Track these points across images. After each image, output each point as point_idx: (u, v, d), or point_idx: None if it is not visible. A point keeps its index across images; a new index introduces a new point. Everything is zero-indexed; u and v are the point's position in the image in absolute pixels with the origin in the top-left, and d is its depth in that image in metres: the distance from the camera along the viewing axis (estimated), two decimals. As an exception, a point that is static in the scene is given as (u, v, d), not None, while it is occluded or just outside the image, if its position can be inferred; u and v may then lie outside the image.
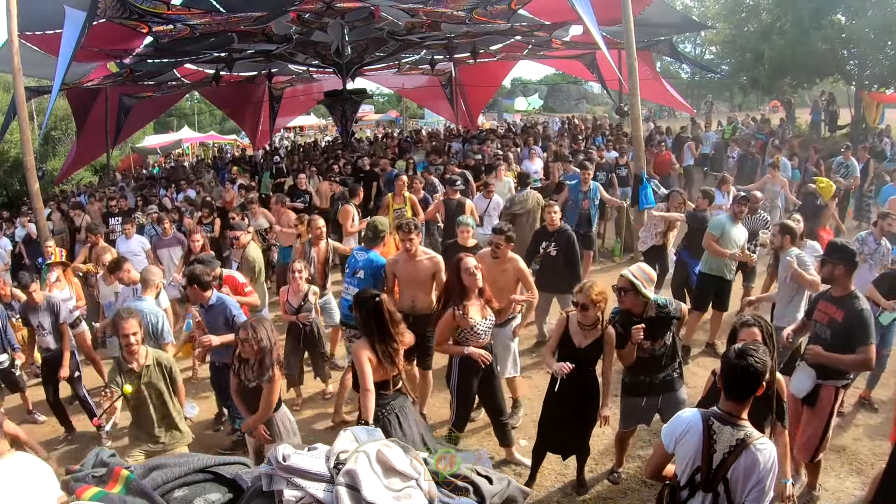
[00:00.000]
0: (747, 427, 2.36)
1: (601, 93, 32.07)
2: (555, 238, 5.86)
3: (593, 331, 3.67)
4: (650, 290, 3.66)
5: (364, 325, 3.50)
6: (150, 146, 25.70)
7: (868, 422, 4.78)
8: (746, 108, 29.70)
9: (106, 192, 12.93)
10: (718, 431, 2.34)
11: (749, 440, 2.31)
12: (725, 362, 2.40)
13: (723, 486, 2.34)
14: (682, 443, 2.42)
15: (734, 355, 2.35)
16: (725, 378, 2.40)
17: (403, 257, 4.81)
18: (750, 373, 2.29)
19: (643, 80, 10.09)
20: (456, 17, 10.22)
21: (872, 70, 16.14)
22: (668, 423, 2.55)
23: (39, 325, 5.19)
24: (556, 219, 5.92)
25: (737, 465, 2.30)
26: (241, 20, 9.49)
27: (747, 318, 3.08)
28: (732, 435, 2.32)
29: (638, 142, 9.02)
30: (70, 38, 7.11)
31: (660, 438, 2.57)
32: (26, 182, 8.21)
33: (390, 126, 33.03)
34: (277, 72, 16.55)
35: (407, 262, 4.78)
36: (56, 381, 5.26)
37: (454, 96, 20.75)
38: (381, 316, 3.44)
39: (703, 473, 2.36)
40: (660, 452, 2.56)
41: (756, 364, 2.29)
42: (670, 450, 2.48)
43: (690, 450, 2.39)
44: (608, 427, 4.82)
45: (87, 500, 1.53)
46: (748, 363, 2.29)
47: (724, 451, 2.32)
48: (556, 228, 5.91)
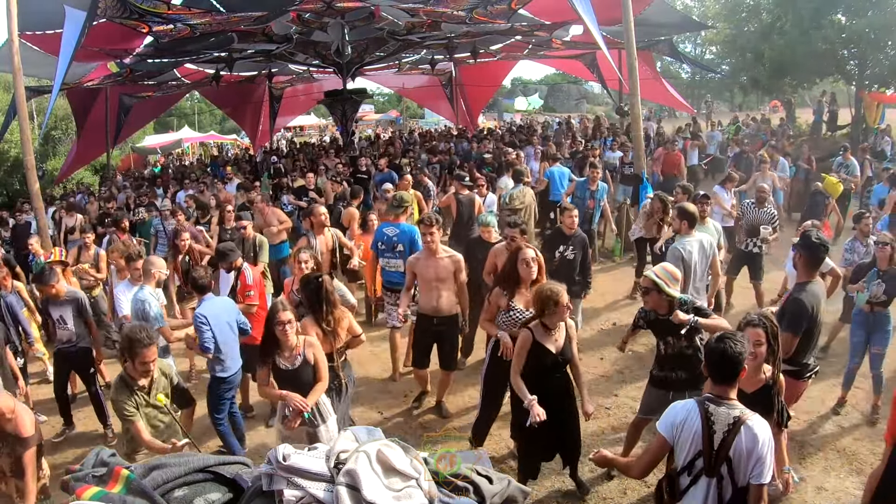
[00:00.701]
0: (739, 406, 2.48)
1: (601, 93, 32.12)
2: (572, 241, 5.82)
3: (560, 331, 3.73)
4: (675, 290, 3.68)
5: (310, 304, 3.90)
6: (150, 146, 25.67)
7: (868, 421, 4.78)
8: (746, 108, 29.69)
9: (102, 193, 12.94)
10: (714, 413, 2.44)
11: (744, 416, 2.43)
12: (707, 349, 2.57)
13: (726, 467, 2.41)
14: (683, 429, 2.47)
15: (714, 340, 2.51)
16: (709, 363, 2.54)
17: (424, 254, 4.81)
18: (728, 354, 2.44)
19: (643, 80, 10.09)
20: (456, 17, 10.22)
21: (872, 70, 16.15)
22: (664, 416, 2.59)
23: (60, 318, 5.17)
24: (574, 222, 5.87)
25: (738, 443, 2.39)
26: (241, 20, 9.49)
27: (753, 317, 3.06)
28: (728, 414, 2.43)
29: (638, 142, 9.02)
30: (70, 37, 7.11)
31: (655, 436, 2.60)
32: (26, 182, 8.21)
33: (391, 125, 33.02)
34: (277, 72, 16.55)
35: (428, 258, 4.78)
36: (67, 373, 5.31)
37: (454, 96, 20.76)
38: (323, 294, 3.84)
39: (706, 456, 2.42)
40: (658, 445, 2.58)
41: (734, 346, 2.45)
42: (671, 439, 2.51)
43: (691, 433, 2.45)
44: (608, 427, 4.87)
45: (88, 500, 1.53)
46: (726, 346, 2.44)
47: (724, 430, 2.41)
48: (574, 232, 5.85)
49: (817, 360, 4.00)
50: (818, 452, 4.42)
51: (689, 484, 2.48)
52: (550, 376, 3.72)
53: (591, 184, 7.94)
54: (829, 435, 4.63)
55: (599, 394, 5.37)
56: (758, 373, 3.01)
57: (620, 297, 7.67)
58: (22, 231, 9.25)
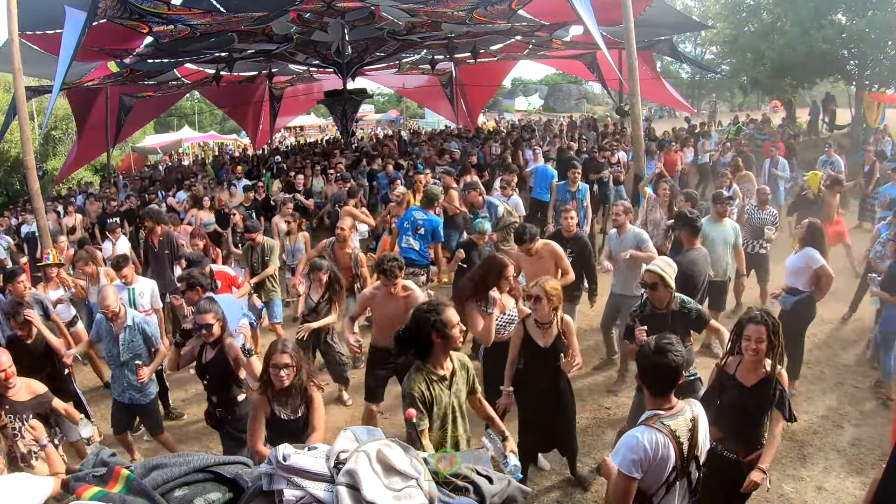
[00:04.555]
0: (681, 403, 2.42)
1: (601, 93, 32.14)
2: (570, 245, 5.61)
3: (551, 329, 3.78)
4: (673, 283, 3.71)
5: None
6: (150, 146, 25.69)
7: (868, 422, 4.79)
8: (747, 108, 29.69)
9: (107, 192, 12.98)
10: (676, 427, 2.35)
11: (692, 409, 2.42)
12: (644, 360, 2.40)
13: (694, 462, 2.42)
14: (657, 462, 2.32)
15: (652, 352, 2.36)
16: (648, 376, 2.41)
17: (383, 292, 4.40)
18: (670, 368, 2.32)
19: (643, 80, 10.09)
20: (456, 17, 10.23)
21: (873, 70, 16.15)
22: (625, 452, 2.31)
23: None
24: (572, 224, 5.71)
25: (700, 436, 2.41)
26: (242, 20, 9.50)
27: (755, 313, 3.03)
28: (684, 419, 2.38)
29: (638, 142, 9.02)
30: (70, 37, 7.12)
31: (619, 477, 2.31)
32: (26, 182, 8.21)
33: (391, 125, 33.04)
34: (278, 71, 16.57)
35: (387, 297, 4.39)
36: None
37: (454, 96, 20.78)
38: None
39: (679, 467, 2.36)
40: (628, 485, 2.30)
41: (675, 359, 2.32)
42: (640, 475, 2.31)
43: (666, 461, 2.33)
44: (608, 427, 4.86)
45: (88, 500, 1.53)
46: (668, 360, 2.32)
47: (687, 436, 2.36)
48: (573, 235, 5.70)
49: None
50: (818, 452, 4.41)
51: (663, 496, 2.40)
52: (539, 368, 3.80)
53: (572, 185, 7.73)
54: (829, 435, 4.63)
55: (599, 394, 5.37)
56: (758, 367, 3.02)
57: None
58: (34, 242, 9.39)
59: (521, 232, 5.04)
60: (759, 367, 3.02)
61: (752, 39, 18.29)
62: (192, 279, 4.60)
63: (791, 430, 4.51)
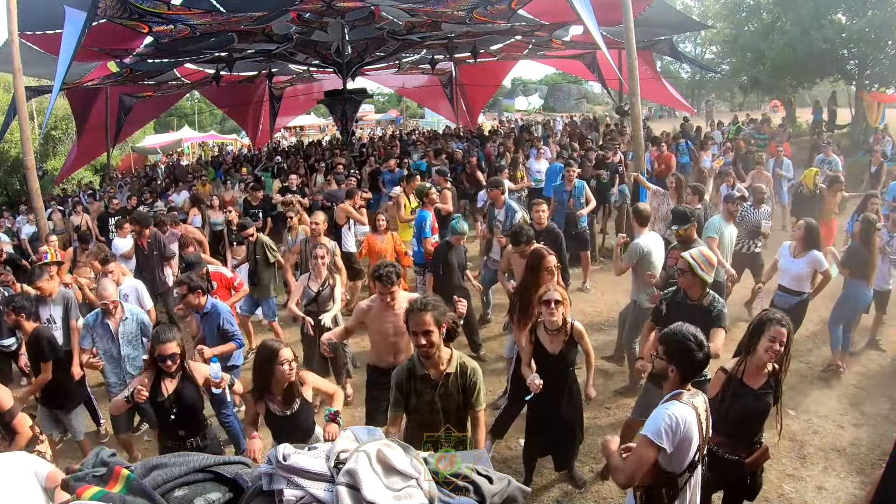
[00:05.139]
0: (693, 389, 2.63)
1: (601, 92, 32.11)
2: (543, 237, 5.61)
3: (560, 335, 3.74)
4: (709, 275, 3.70)
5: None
6: (150, 146, 25.69)
7: (868, 421, 4.79)
8: (747, 108, 29.68)
9: (108, 192, 12.99)
10: (698, 406, 2.53)
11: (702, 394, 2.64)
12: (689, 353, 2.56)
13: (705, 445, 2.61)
14: (686, 435, 2.42)
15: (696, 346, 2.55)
16: (689, 365, 2.57)
17: (379, 306, 3.97)
18: (707, 360, 2.60)
19: (643, 80, 10.08)
20: (456, 17, 10.22)
21: (873, 70, 16.15)
22: (658, 423, 2.41)
23: (50, 317, 5.15)
24: (543, 217, 5.83)
25: (710, 419, 2.62)
26: (242, 20, 9.49)
27: (778, 315, 3.02)
28: (702, 400, 2.59)
29: (638, 142, 9.01)
30: (70, 38, 7.11)
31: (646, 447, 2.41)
32: (26, 181, 8.22)
33: (391, 125, 33.04)
34: (278, 71, 16.55)
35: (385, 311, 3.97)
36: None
37: (454, 96, 20.77)
38: None
39: (702, 446, 2.53)
40: (652, 457, 2.40)
41: (709, 353, 2.60)
42: (671, 448, 2.39)
43: (693, 436, 2.45)
44: (608, 427, 4.86)
45: (88, 500, 1.53)
46: (707, 353, 2.58)
47: (705, 417, 2.56)
48: (544, 227, 5.78)
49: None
50: (818, 452, 4.41)
51: (687, 478, 2.51)
52: (546, 373, 3.74)
53: (568, 184, 7.83)
54: (829, 435, 4.63)
55: (600, 393, 5.35)
56: (762, 369, 3.02)
57: (621, 296, 7.65)
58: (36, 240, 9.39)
59: (517, 233, 5.04)
60: (764, 369, 3.02)
61: (752, 39, 18.32)
62: (191, 283, 4.59)
63: (791, 430, 4.52)
